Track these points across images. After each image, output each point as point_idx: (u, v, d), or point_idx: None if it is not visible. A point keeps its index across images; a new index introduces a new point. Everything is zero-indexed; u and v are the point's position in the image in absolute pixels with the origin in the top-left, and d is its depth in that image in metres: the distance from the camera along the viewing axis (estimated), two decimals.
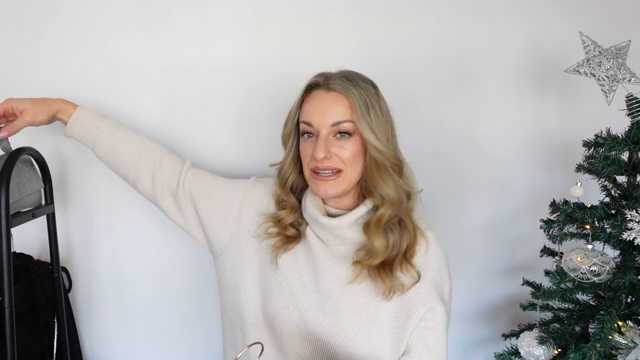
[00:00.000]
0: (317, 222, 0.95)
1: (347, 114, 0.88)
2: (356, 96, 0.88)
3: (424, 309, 0.91)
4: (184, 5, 1.31)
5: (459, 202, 1.56)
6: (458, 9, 1.46)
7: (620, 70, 1.14)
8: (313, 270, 0.94)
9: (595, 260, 1.13)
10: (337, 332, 0.90)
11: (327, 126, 0.89)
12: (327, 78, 0.91)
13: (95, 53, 1.30)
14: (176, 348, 1.47)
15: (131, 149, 1.05)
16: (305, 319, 0.92)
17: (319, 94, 0.91)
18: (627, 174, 1.17)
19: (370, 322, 0.90)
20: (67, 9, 1.27)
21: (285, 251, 0.96)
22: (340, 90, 0.89)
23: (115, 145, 1.05)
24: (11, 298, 0.99)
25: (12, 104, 1.00)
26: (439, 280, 0.95)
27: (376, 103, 0.90)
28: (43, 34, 1.27)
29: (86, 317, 1.41)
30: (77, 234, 1.37)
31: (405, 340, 0.91)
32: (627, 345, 1.05)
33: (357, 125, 0.88)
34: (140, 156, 1.05)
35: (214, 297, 1.45)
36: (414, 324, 0.90)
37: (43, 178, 1.19)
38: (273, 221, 1.00)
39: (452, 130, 1.52)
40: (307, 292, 0.93)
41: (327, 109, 0.89)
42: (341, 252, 0.95)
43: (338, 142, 0.90)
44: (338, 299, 0.92)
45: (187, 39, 1.33)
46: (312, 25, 1.39)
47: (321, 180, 0.91)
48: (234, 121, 1.39)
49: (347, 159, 0.90)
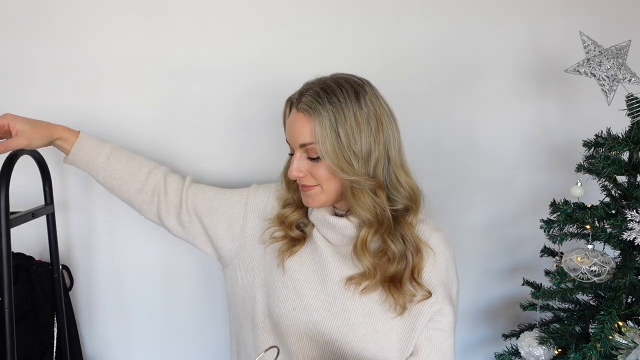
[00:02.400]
0: (325, 221, 0.94)
1: (310, 137, 0.85)
2: (321, 116, 0.83)
3: (432, 310, 0.91)
4: (183, 6, 1.31)
5: (459, 202, 1.56)
6: (458, 9, 1.46)
7: (620, 70, 1.14)
8: (320, 271, 0.94)
9: (596, 260, 1.13)
10: (346, 332, 0.90)
11: (297, 147, 0.89)
12: (302, 94, 0.89)
13: (95, 53, 1.30)
14: (176, 347, 1.47)
15: (135, 175, 1.04)
16: (314, 319, 0.92)
17: (292, 112, 0.90)
18: (627, 174, 1.17)
19: (379, 323, 0.90)
20: (67, 9, 1.27)
21: (291, 254, 0.96)
22: (306, 110, 0.85)
23: (120, 172, 1.04)
24: (11, 298, 0.99)
25: (10, 122, 0.94)
26: (447, 281, 0.95)
27: (351, 115, 0.84)
28: (41, 33, 1.27)
29: (86, 316, 1.41)
30: (77, 234, 1.37)
31: (414, 341, 0.90)
32: (628, 346, 1.05)
33: (318, 148, 0.84)
34: (146, 182, 1.05)
35: (214, 297, 1.45)
36: (423, 324, 0.90)
37: (43, 178, 1.19)
38: (278, 222, 0.99)
39: (452, 131, 1.52)
40: (314, 294, 0.93)
41: (294, 130, 0.88)
42: (349, 253, 0.94)
43: (310, 162, 0.89)
44: (346, 299, 0.91)
45: (187, 39, 1.33)
46: (313, 26, 1.39)
47: (303, 192, 0.93)
48: (234, 122, 1.39)
49: (320, 178, 0.89)
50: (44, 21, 1.26)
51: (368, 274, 0.89)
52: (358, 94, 0.87)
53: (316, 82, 0.90)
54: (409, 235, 0.90)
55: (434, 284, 0.92)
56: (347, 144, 0.83)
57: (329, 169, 0.87)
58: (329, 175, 0.88)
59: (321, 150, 0.84)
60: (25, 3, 1.25)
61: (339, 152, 0.84)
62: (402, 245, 0.89)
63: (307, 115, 0.86)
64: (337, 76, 0.91)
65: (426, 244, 0.94)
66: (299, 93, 0.90)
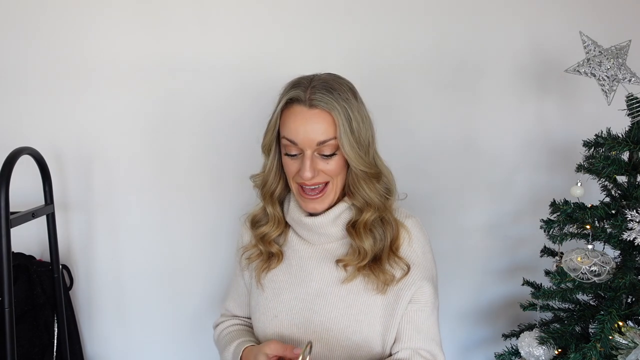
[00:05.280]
0: (301, 223, 0.95)
1: (331, 132, 0.87)
2: (339, 112, 0.85)
3: (410, 292, 0.91)
4: (182, 6, 1.32)
5: (459, 202, 1.56)
6: (458, 10, 1.46)
7: (620, 70, 1.14)
8: (299, 273, 0.95)
9: (596, 260, 1.13)
10: (329, 327, 0.91)
11: (312, 145, 0.87)
12: (306, 91, 0.87)
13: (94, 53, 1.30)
14: (176, 346, 1.47)
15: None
16: (296, 322, 0.93)
17: (301, 110, 0.87)
18: (627, 174, 1.17)
19: (361, 313, 0.90)
20: (67, 9, 1.27)
21: (269, 270, 0.98)
22: (324, 107, 0.85)
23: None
24: (11, 298, 0.99)
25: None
26: (425, 262, 0.95)
27: (356, 111, 0.88)
28: (41, 33, 1.27)
29: (87, 316, 1.41)
30: (77, 234, 1.37)
31: (395, 326, 0.91)
32: (628, 346, 1.05)
33: (340, 143, 0.87)
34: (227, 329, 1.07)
35: (213, 296, 1.45)
36: (403, 308, 0.91)
37: (43, 178, 1.19)
38: (258, 241, 0.99)
39: (452, 131, 1.52)
40: (294, 295, 0.94)
41: (311, 128, 0.86)
42: (327, 251, 0.96)
43: (323, 159, 0.89)
44: (328, 296, 0.92)
45: (188, 40, 1.33)
46: (310, 27, 1.39)
47: (308, 198, 0.91)
48: (234, 121, 1.39)
49: (332, 172, 0.90)
50: (44, 21, 1.27)
51: (364, 254, 0.91)
52: (354, 92, 0.92)
53: (313, 79, 0.89)
54: (388, 216, 0.94)
55: (410, 261, 0.93)
56: (358, 137, 0.88)
57: (341, 162, 0.90)
58: (340, 169, 0.91)
59: (343, 144, 0.86)
60: (26, 3, 1.25)
61: (355, 144, 0.87)
62: (382, 226, 0.94)
63: (324, 111, 0.86)
64: (329, 75, 0.92)
65: (403, 225, 0.96)
66: (302, 91, 0.87)
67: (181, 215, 1.42)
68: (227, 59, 1.36)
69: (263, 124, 0.95)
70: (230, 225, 1.42)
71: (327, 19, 1.39)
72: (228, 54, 1.36)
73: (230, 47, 1.36)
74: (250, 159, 1.38)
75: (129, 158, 1.37)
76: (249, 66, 1.37)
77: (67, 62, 1.29)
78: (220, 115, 1.38)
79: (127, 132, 1.35)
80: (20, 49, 1.27)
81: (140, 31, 1.31)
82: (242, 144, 1.39)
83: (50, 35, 1.27)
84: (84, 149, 1.34)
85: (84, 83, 1.31)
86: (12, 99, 1.30)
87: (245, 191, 1.34)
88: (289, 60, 1.38)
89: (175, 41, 1.33)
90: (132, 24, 1.30)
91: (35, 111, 1.31)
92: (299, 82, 0.90)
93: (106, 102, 1.33)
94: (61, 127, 1.32)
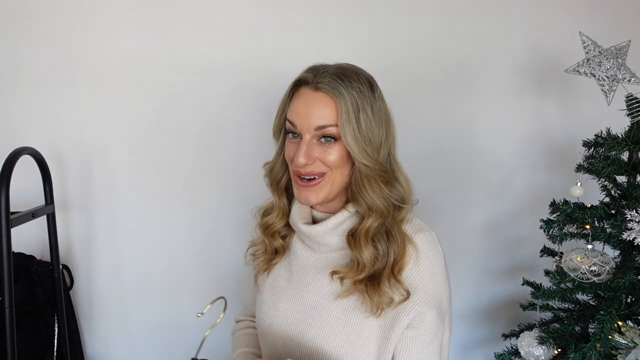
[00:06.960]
0: (299, 230, 0.91)
1: (333, 118, 0.81)
2: (345, 99, 0.80)
3: (408, 318, 0.83)
4: (183, 7, 1.32)
5: (459, 202, 1.56)
6: (458, 9, 1.46)
7: (620, 70, 1.14)
8: (298, 281, 0.92)
9: (595, 260, 1.13)
10: (320, 345, 0.86)
11: (310, 130, 0.82)
12: (316, 74, 0.83)
13: (94, 52, 1.30)
14: (176, 346, 1.47)
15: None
16: (289, 334, 0.90)
17: (306, 92, 0.83)
18: (627, 174, 1.17)
19: (354, 334, 0.85)
20: (68, 9, 1.27)
21: (269, 270, 0.96)
22: (329, 91, 0.81)
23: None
24: (11, 298, 0.99)
25: None
26: (431, 286, 0.86)
27: (369, 105, 0.82)
28: (41, 33, 1.27)
29: (87, 315, 1.41)
30: (77, 234, 1.38)
31: (390, 352, 0.85)
32: (627, 345, 1.05)
33: (342, 132, 0.80)
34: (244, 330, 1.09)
35: (213, 296, 1.45)
36: (399, 333, 0.84)
37: (43, 178, 1.19)
38: (262, 230, 0.96)
39: (452, 130, 1.52)
40: (290, 306, 0.91)
41: (311, 111, 0.81)
42: (328, 260, 0.91)
43: (322, 146, 0.83)
44: (322, 310, 0.88)
45: (188, 40, 1.33)
46: (312, 27, 1.39)
47: (302, 186, 0.85)
48: (235, 121, 1.39)
49: (331, 163, 0.83)
50: (44, 22, 1.27)
51: (362, 267, 0.84)
52: (372, 86, 0.85)
53: (328, 66, 0.85)
54: (395, 231, 0.86)
55: (413, 285, 0.84)
56: (365, 131, 0.81)
57: (342, 154, 0.83)
58: (341, 161, 0.84)
59: (345, 133, 0.80)
60: (26, 3, 1.25)
61: (360, 137, 0.81)
62: (386, 241, 0.86)
63: (329, 95, 0.81)
64: (348, 65, 0.86)
65: (411, 241, 0.87)
66: (312, 74, 0.83)
67: (181, 215, 1.42)
68: (227, 59, 1.36)
69: (263, 124, 0.95)
70: (231, 224, 1.42)
71: (328, 20, 1.39)
72: (228, 54, 1.36)
73: (230, 47, 1.36)
74: (250, 159, 1.39)
75: (129, 158, 1.37)
76: (249, 66, 1.37)
77: (68, 63, 1.29)
78: (221, 115, 1.38)
79: (128, 132, 1.36)
80: (21, 49, 1.27)
81: (140, 31, 1.31)
82: (242, 144, 1.39)
83: (50, 36, 1.28)
84: (84, 149, 1.34)
85: (84, 83, 1.31)
86: (12, 99, 1.30)
87: (245, 191, 1.35)
88: (289, 60, 1.37)
89: (175, 41, 1.33)
90: (133, 25, 1.31)
91: (35, 111, 1.31)
92: (315, 66, 0.86)
93: (106, 102, 1.33)
94: (61, 127, 1.33)
